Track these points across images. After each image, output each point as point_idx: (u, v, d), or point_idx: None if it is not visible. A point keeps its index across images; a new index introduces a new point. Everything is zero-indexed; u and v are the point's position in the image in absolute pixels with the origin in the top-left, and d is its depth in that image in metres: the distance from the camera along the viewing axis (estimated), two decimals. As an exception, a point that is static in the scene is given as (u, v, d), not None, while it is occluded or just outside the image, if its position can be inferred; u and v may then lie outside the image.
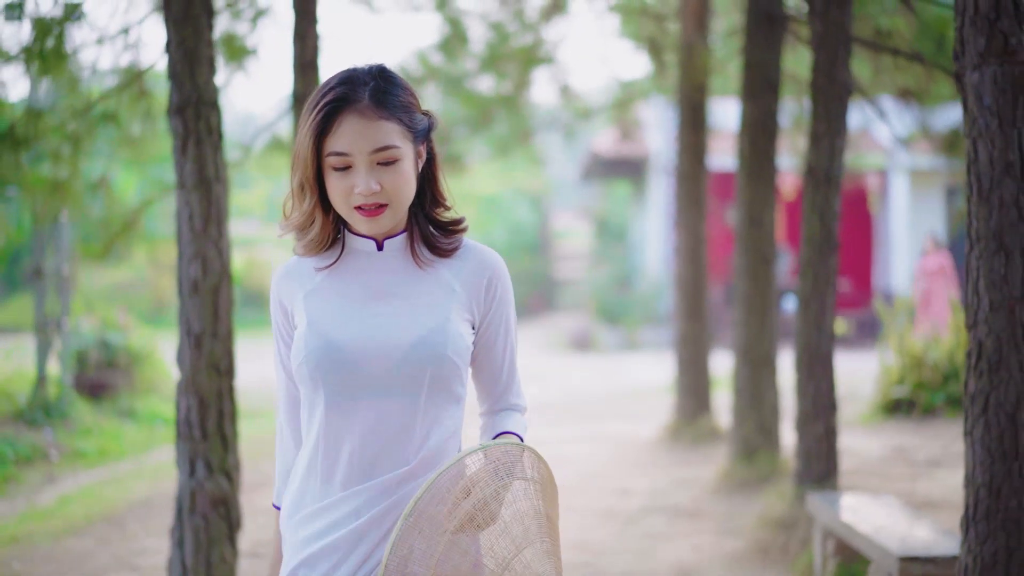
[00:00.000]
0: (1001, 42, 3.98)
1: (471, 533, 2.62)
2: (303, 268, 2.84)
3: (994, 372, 4.06)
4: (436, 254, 2.83)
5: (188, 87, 5.38)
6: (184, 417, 5.50)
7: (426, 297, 2.78)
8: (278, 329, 2.87)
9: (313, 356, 2.70)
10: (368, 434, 2.70)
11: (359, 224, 2.73)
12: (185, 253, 5.42)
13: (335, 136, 2.66)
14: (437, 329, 2.74)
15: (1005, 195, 4.02)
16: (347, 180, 2.68)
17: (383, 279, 2.79)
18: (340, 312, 2.76)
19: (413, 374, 2.70)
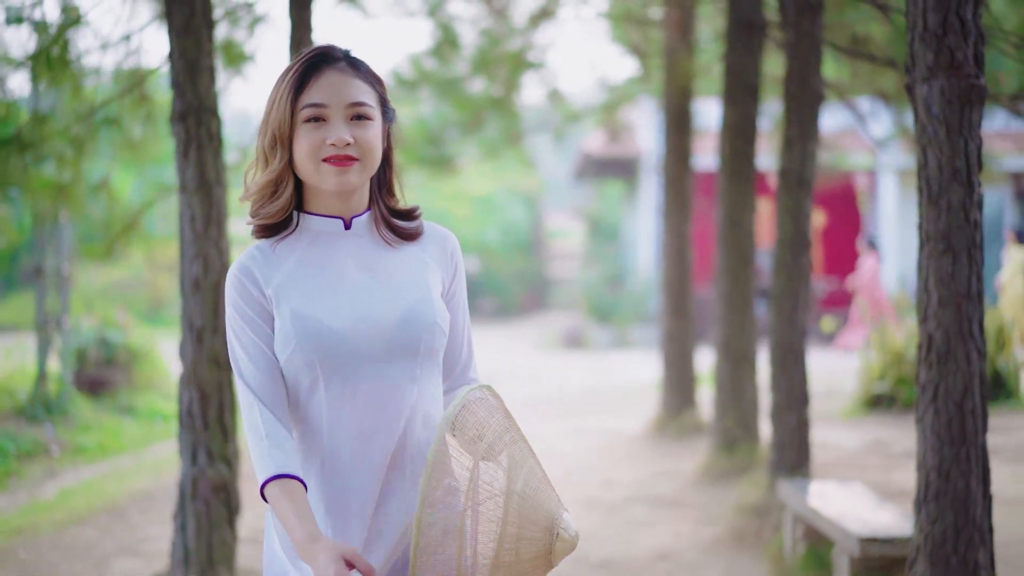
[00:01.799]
0: (948, 57, 4.28)
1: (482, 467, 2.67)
2: (268, 255, 2.79)
3: (943, 363, 4.36)
4: (401, 237, 2.86)
5: (190, 95, 5.67)
6: (186, 408, 5.79)
7: (403, 271, 2.81)
8: (253, 310, 2.75)
9: (306, 343, 2.68)
10: (371, 412, 2.72)
11: (327, 177, 2.72)
12: (187, 253, 5.71)
13: (312, 89, 2.71)
14: (422, 299, 2.78)
15: (953, 199, 4.32)
16: (320, 132, 2.70)
17: (356, 258, 2.80)
18: (322, 295, 2.75)
19: (408, 346, 2.73)
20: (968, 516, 4.34)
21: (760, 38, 9.17)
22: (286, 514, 2.62)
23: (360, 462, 2.72)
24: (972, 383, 4.34)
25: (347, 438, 2.72)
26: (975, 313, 4.34)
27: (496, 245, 31.30)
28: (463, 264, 2.96)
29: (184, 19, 5.66)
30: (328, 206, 2.80)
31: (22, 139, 7.16)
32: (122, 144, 8.39)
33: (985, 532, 4.39)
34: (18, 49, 7.79)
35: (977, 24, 4.30)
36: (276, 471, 2.66)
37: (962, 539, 4.35)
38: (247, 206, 2.84)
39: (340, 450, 2.72)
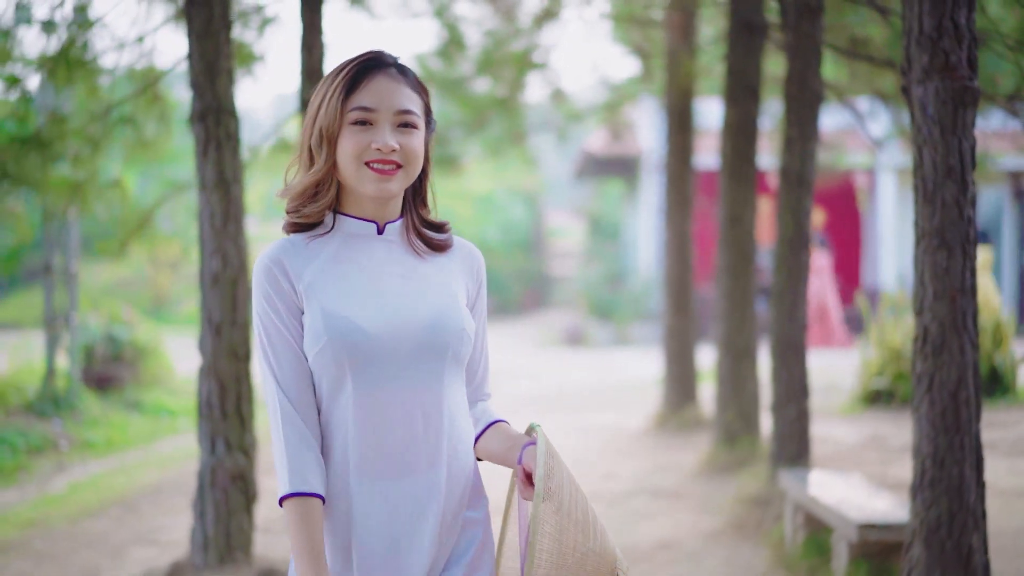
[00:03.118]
0: (943, 60, 4.45)
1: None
2: (300, 247, 2.79)
3: (938, 355, 4.53)
4: (430, 247, 2.88)
5: (208, 96, 5.84)
6: (205, 399, 5.96)
7: (432, 278, 2.82)
8: (283, 302, 2.74)
9: (337, 341, 2.68)
10: (397, 412, 2.72)
11: (367, 182, 2.73)
12: (206, 248, 5.88)
13: (362, 92, 2.72)
14: (451, 305, 2.80)
15: (947, 196, 4.49)
16: (366, 136, 2.71)
17: (387, 262, 2.80)
18: (353, 294, 2.74)
19: (436, 351, 2.74)
20: (962, 502, 4.51)
21: (761, 39, 9.32)
22: (298, 540, 2.64)
23: (386, 461, 2.72)
24: (966, 374, 4.51)
25: (373, 436, 2.71)
26: (969, 307, 4.52)
27: (497, 244, 31.39)
28: (486, 283, 3.00)
29: (203, 22, 5.83)
30: (363, 209, 2.81)
31: (41, 138, 7.32)
32: (135, 143, 8.54)
33: (979, 517, 4.56)
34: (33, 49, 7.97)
35: (971, 28, 4.47)
36: (298, 488, 2.67)
37: (956, 524, 4.52)
38: (281, 202, 2.87)
39: (365, 448, 2.71)
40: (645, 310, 24.50)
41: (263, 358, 2.76)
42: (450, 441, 2.78)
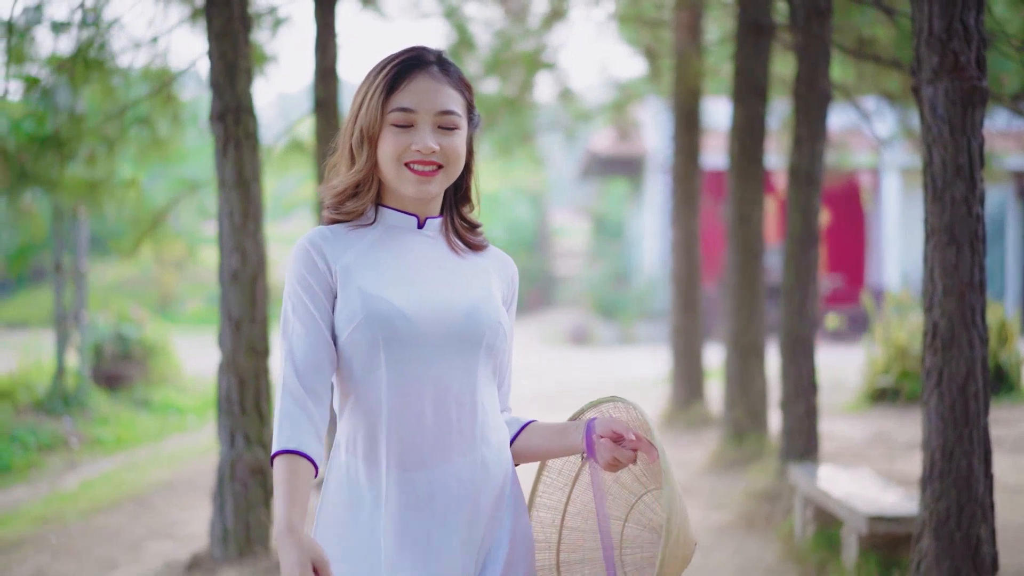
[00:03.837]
0: (952, 60, 4.54)
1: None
2: (340, 234, 2.79)
3: (947, 349, 4.62)
4: (468, 246, 2.88)
5: (228, 96, 5.94)
6: (225, 394, 6.05)
7: (469, 274, 2.82)
8: (316, 283, 2.72)
9: (373, 320, 2.67)
10: (431, 401, 2.69)
11: (407, 183, 2.74)
12: (226, 246, 5.97)
13: (403, 93, 2.71)
14: (487, 299, 2.79)
15: (956, 194, 4.57)
16: (406, 137, 2.71)
17: (426, 254, 2.80)
18: (390, 278, 2.73)
19: (471, 340, 2.73)
20: (971, 494, 4.59)
21: (768, 40, 9.40)
22: (280, 492, 2.59)
23: (419, 448, 2.70)
24: (975, 368, 4.59)
25: (405, 421, 2.68)
26: (978, 302, 4.60)
27: (501, 243, 31.40)
28: (516, 289, 2.98)
29: (223, 23, 5.92)
30: (404, 203, 2.81)
31: (58, 138, 7.42)
32: (150, 143, 8.64)
33: (987, 509, 4.64)
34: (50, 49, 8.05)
35: (979, 29, 4.55)
36: (286, 446, 2.62)
37: (965, 515, 4.60)
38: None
39: (398, 433, 2.69)
40: (650, 309, 24.58)
41: (283, 334, 2.75)
42: (483, 431, 2.76)
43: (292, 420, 2.66)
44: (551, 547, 3.01)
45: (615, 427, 2.78)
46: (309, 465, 2.63)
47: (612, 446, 2.76)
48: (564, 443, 2.88)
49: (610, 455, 2.76)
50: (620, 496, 2.96)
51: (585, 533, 3.00)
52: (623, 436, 2.76)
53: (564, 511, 3.01)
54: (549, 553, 3.01)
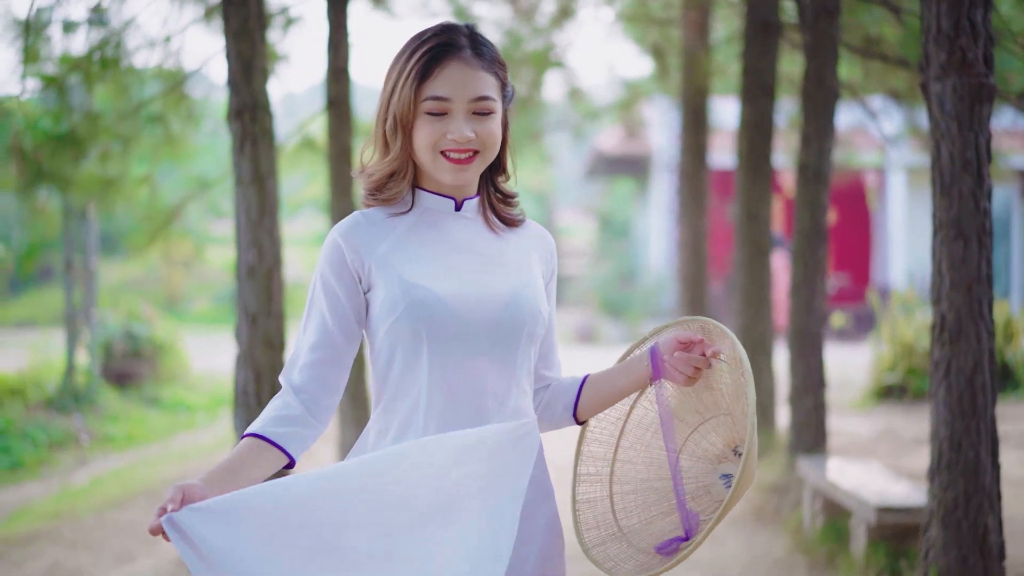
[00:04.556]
0: (960, 57, 4.61)
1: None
2: (375, 221, 2.76)
3: (954, 342, 4.69)
4: (505, 223, 2.84)
5: (245, 93, 6.02)
6: (241, 388, 6.13)
7: (509, 257, 2.79)
8: (339, 279, 2.71)
9: (415, 311, 2.64)
10: (471, 392, 2.68)
11: (443, 172, 2.70)
12: (243, 241, 6.06)
13: (436, 81, 2.66)
14: (529, 285, 2.76)
15: (963, 189, 4.65)
16: (441, 126, 2.66)
17: (464, 238, 2.76)
18: (431, 267, 2.69)
19: (513, 329, 2.70)
20: (978, 484, 4.67)
21: (776, 39, 9.48)
22: (228, 456, 2.64)
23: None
24: (982, 360, 4.67)
25: (445, 412, 2.67)
26: (985, 295, 4.68)
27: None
28: (556, 264, 2.95)
29: (240, 22, 6.01)
30: (441, 185, 2.77)
31: (75, 135, 7.51)
32: (164, 141, 8.73)
33: (994, 498, 4.72)
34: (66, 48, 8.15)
35: (987, 26, 4.63)
36: (256, 430, 2.66)
37: (972, 505, 4.68)
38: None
39: (434, 423, 2.67)
40: (656, 307, 24.63)
41: (302, 321, 2.76)
42: (516, 418, 2.74)
43: (274, 413, 2.68)
44: (603, 480, 3.05)
45: (679, 337, 2.83)
46: (262, 445, 2.64)
47: (684, 356, 2.80)
48: (630, 379, 2.92)
49: (686, 366, 2.80)
50: (675, 429, 2.97)
51: (637, 465, 3.04)
52: (691, 342, 2.82)
53: (616, 445, 3.05)
54: (602, 486, 3.04)
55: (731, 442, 2.94)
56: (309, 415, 2.70)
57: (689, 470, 2.99)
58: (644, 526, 3.00)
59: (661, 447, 2.97)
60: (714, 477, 2.96)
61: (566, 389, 2.98)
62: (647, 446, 3.03)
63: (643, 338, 3.00)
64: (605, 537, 3.00)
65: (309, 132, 9.86)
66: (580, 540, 2.99)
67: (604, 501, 3.03)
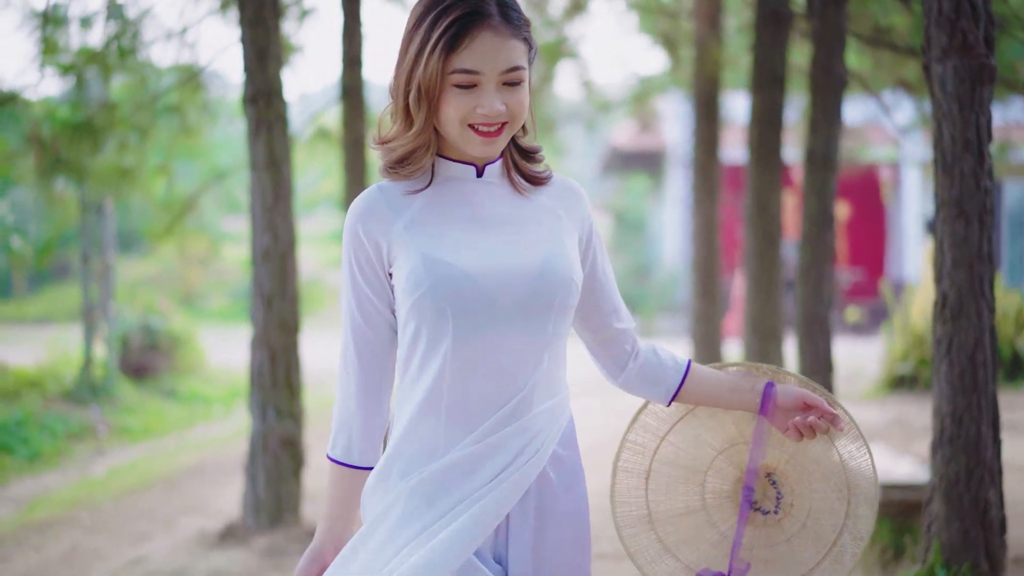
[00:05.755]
0: (961, 39, 4.68)
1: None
2: (393, 197, 2.64)
3: (956, 319, 4.76)
4: (531, 182, 2.71)
5: (259, 80, 6.14)
6: (257, 369, 6.24)
7: (536, 223, 2.66)
8: (359, 266, 2.64)
9: (440, 287, 2.52)
10: (498, 369, 2.57)
11: (472, 145, 2.57)
12: (257, 225, 6.17)
13: (465, 53, 2.50)
14: (559, 254, 2.63)
15: (965, 168, 4.72)
16: (470, 99, 2.52)
17: (488, 206, 2.65)
18: (454, 240, 2.58)
19: (544, 300, 2.59)
20: (980, 458, 4.74)
21: (787, 29, 9.54)
22: (330, 503, 2.75)
23: (480, 415, 2.58)
24: (983, 337, 4.74)
25: (469, 387, 2.57)
26: (986, 273, 4.75)
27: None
28: (593, 220, 2.82)
29: (254, 11, 6.13)
30: (463, 153, 2.64)
31: (92, 125, 7.62)
32: (180, 131, 8.84)
33: (995, 473, 4.78)
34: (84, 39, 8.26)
35: (987, 9, 4.70)
36: (340, 457, 2.72)
37: (974, 479, 4.75)
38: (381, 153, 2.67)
39: (460, 398, 2.58)
40: (671, 302, 24.69)
41: (343, 308, 2.71)
42: (547, 394, 2.65)
43: (347, 431, 2.73)
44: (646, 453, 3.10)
45: (807, 399, 2.87)
46: (358, 476, 2.72)
47: (808, 419, 2.84)
48: (733, 401, 2.93)
49: (806, 429, 2.84)
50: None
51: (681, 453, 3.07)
52: (813, 406, 2.86)
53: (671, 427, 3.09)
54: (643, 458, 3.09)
55: (769, 467, 2.98)
56: (365, 404, 2.71)
57: (722, 470, 3.02)
58: (673, 519, 3.04)
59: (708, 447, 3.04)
60: (738, 485, 3.00)
61: (669, 372, 2.95)
62: (696, 438, 3.06)
63: (759, 368, 2.97)
64: (635, 519, 3.05)
65: (324, 123, 9.96)
66: (613, 512, 3.04)
67: (640, 477, 3.07)
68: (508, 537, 2.64)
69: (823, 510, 2.97)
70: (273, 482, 6.32)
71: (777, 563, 2.98)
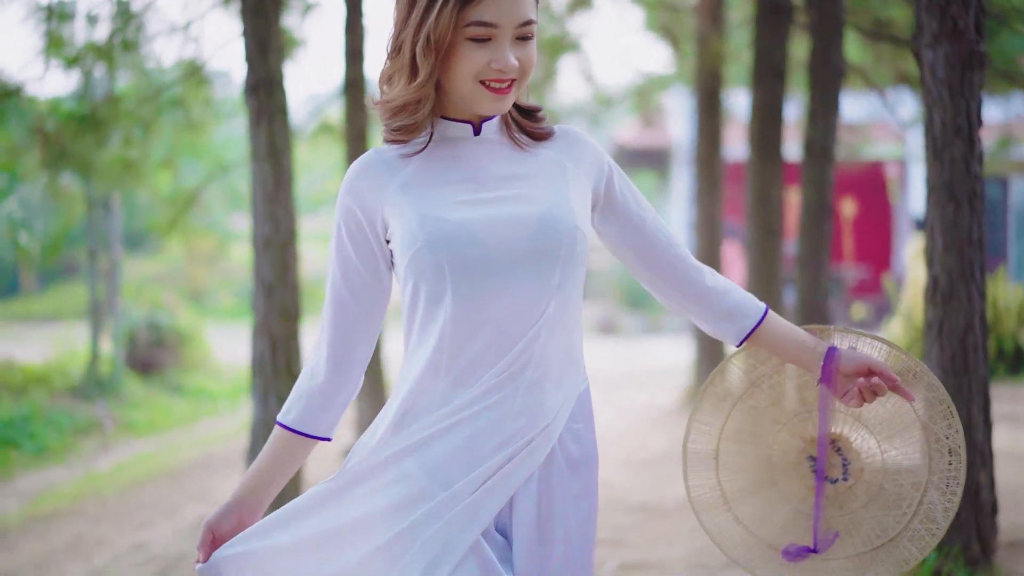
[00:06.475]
0: (951, 25, 4.74)
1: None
2: (389, 159, 2.57)
3: (947, 302, 4.82)
4: (533, 137, 2.62)
5: (260, 70, 6.19)
6: (258, 357, 6.30)
7: (538, 176, 2.58)
8: (349, 232, 2.58)
9: (435, 243, 2.45)
10: (502, 325, 2.49)
11: (483, 101, 2.49)
12: (259, 214, 6.23)
13: (484, 4, 2.42)
14: (560, 204, 2.53)
15: (955, 153, 4.78)
16: (484, 53, 2.45)
17: (486, 164, 2.57)
18: (450, 197, 2.51)
19: (547, 251, 2.49)
20: (971, 440, 4.78)
21: (787, 22, 9.62)
22: (266, 461, 2.65)
23: (483, 377, 2.50)
24: (973, 320, 4.80)
25: (471, 347, 2.50)
26: (976, 257, 4.80)
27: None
28: (611, 160, 2.71)
29: (255, 2, 6.20)
30: (459, 110, 2.57)
31: (96, 117, 7.69)
32: (184, 125, 8.91)
33: (987, 455, 4.83)
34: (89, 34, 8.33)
35: (977, -5, 4.76)
36: (293, 424, 2.64)
37: (965, 461, 4.80)
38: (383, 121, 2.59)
39: (462, 360, 2.51)
40: (680, 317, 24.68)
41: (328, 272, 2.65)
42: (556, 355, 2.56)
43: (303, 397, 2.65)
44: (712, 435, 2.99)
45: (872, 365, 2.73)
46: (291, 438, 2.64)
47: (871, 383, 2.72)
48: (797, 359, 2.81)
49: (868, 393, 2.72)
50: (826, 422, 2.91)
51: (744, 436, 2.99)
52: (877, 373, 2.73)
53: (734, 404, 2.99)
54: (710, 439, 2.99)
55: (833, 435, 2.87)
56: (334, 375, 2.64)
57: (785, 442, 2.94)
58: (747, 498, 2.97)
59: (775, 422, 2.95)
60: (802, 456, 2.91)
61: (748, 311, 2.80)
62: (758, 412, 2.98)
63: (836, 329, 2.87)
64: (711, 502, 2.97)
65: (328, 117, 10.02)
66: (689, 496, 2.97)
67: (710, 458, 2.98)
68: (512, 510, 2.56)
69: (900, 469, 2.84)
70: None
71: (858, 530, 2.87)
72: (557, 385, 2.57)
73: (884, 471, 2.85)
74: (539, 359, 2.52)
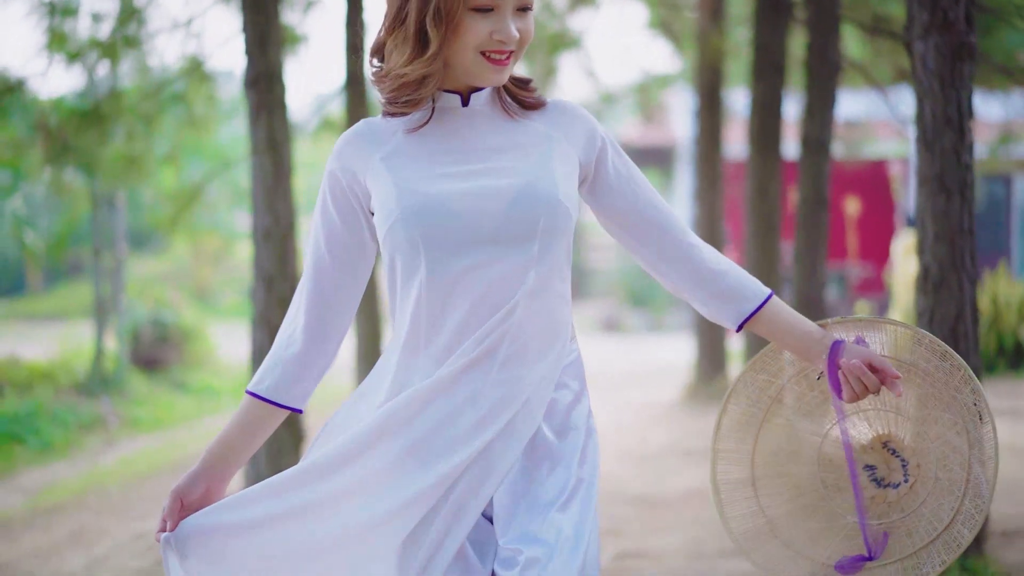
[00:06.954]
0: (941, 17, 4.78)
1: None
2: (379, 130, 2.57)
3: (937, 291, 4.86)
4: (523, 106, 2.60)
5: (260, 63, 6.25)
6: (258, 348, 6.36)
7: (524, 148, 2.54)
8: (334, 200, 2.58)
9: (410, 216, 2.44)
10: (478, 299, 2.46)
11: (484, 72, 2.48)
12: (259, 206, 6.29)
13: None
14: (542, 176, 2.49)
15: (946, 144, 4.82)
16: (486, 24, 2.44)
17: (473, 135, 2.55)
18: (431, 169, 2.49)
19: (525, 223, 2.46)
20: (962, 426, 4.84)
21: (786, 18, 9.68)
22: (235, 430, 2.63)
23: (461, 353, 2.48)
24: (964, 309, 4.84)
25: (449, 322, 2.48)
26: (967, 246, 4.84)
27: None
28: (607, 134, 2.69)
29: (255, -4, 6.27)
30: (450, 81, 2.56)
31: (99, 112, 7.74)
32: (186, 120, 8.97)
33: (978, 442, 4.87)
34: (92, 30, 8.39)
35: (967, -13, 4.81)
36: (265, 394, 2.61)
37: (955, 448, 4.85)
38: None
39: (439, 335, 2.49)
40: (679, 298, 24.71)
41: (310, 240, 2.65)
42: (536, 329, 2.53)
43: (275, 367, 2.63)
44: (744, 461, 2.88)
45: (874, 362, 2.62)
46: (260, 406, 2.62)
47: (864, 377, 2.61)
48: (799, 350, 2.73)
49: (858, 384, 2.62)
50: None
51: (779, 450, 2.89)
52: (878, 370, 2.62)
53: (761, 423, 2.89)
54: (741, 468, 2.88)
55: (883, 437, 2.79)
56: (311, 343, 2.61)
57: (828, 457, 2.84)
58: (792, 520, 2.86)
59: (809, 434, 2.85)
60: (858, 467, 2.78)
61: (748, 293, 2.75)
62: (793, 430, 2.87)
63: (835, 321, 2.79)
64: (756, 532, 2.86)
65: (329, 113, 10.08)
66: (729, 532, 2.86)
67: (747, 486, 2.87)
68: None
69: (948, 452, 2.73)
70: (274, 456, 6.41)
71: (917, 527, 2.76)
72: (538, 358, 2.53)
73: (936, 459, 2.74)
74: (516, 333, 2.49)
